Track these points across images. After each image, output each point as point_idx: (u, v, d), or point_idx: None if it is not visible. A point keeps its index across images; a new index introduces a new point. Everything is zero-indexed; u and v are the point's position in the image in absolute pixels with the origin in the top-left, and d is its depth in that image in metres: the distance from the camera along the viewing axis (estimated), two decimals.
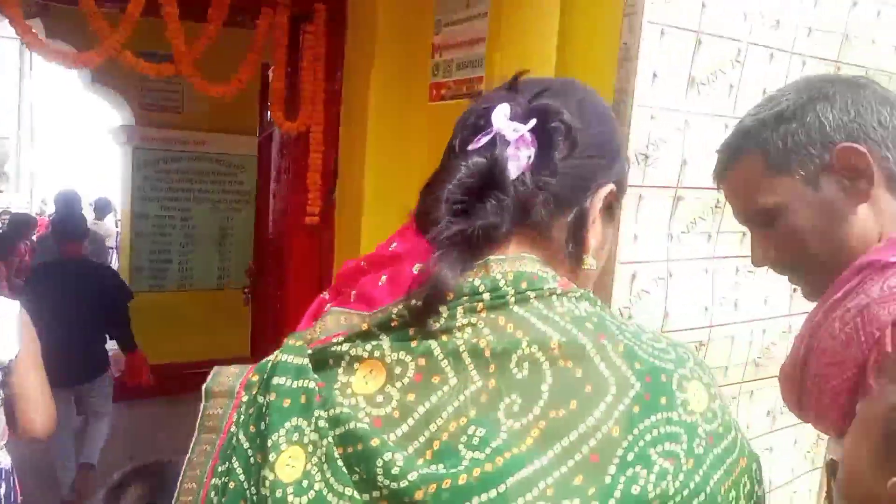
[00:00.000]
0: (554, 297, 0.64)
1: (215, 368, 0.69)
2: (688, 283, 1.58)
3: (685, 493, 0.58)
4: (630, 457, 0.58)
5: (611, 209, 0.73)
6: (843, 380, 0.78)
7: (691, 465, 0.59)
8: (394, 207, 0.79)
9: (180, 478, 0.65)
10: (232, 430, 0.64)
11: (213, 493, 0.63)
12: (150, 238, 5.10)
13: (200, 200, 5.24)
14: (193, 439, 0.66)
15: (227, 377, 0.67)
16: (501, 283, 0.63)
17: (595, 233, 0.71)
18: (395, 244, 0.71)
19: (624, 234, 1.43)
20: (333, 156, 2.41)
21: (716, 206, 1.58)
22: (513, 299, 0.63)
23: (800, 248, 0.86)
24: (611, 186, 0.71)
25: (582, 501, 0.56)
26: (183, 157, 5.11)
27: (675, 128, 1.45)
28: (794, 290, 1.83)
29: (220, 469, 0.63)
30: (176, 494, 0.65)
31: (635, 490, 0.57)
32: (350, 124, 2.40)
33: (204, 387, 0.67)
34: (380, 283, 0.67)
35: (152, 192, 5.07)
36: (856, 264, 0.81)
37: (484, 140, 0.66)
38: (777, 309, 1.78)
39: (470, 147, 0.67)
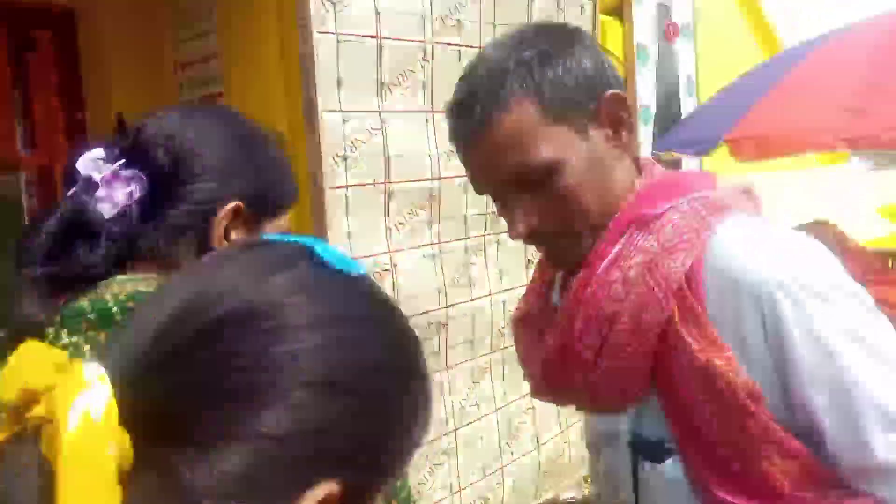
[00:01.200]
0: None
1: None
2: (414, 271, 1.69)
3: None
4: None
5: (247, 222, 0.77)
6: (644, 342, 0.73)
7: None
8: None
9: None
10: None
11: None
12: None
13: None
14: None
15: None
16: (110, 303, 0.68)
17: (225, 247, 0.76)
18: None
19: (336, 233, 1.50)
20: None
21: (430, 196, 1.70)
22: (119, 317, 0.67)
23: (572, 209, 0.75)
24: (234, 203, 0.75)
25: None
26: None
27: (372, 128, 1.54)
28: (529, 261, 2.00)
29: None
30: None
31: None
32: None
33: None
34: None
35: None
36: (616, 224, 0.75)
37: (75, 188, 0.71)
38: (515, 280, 1.94)
39: (67, 195, 0.72)
